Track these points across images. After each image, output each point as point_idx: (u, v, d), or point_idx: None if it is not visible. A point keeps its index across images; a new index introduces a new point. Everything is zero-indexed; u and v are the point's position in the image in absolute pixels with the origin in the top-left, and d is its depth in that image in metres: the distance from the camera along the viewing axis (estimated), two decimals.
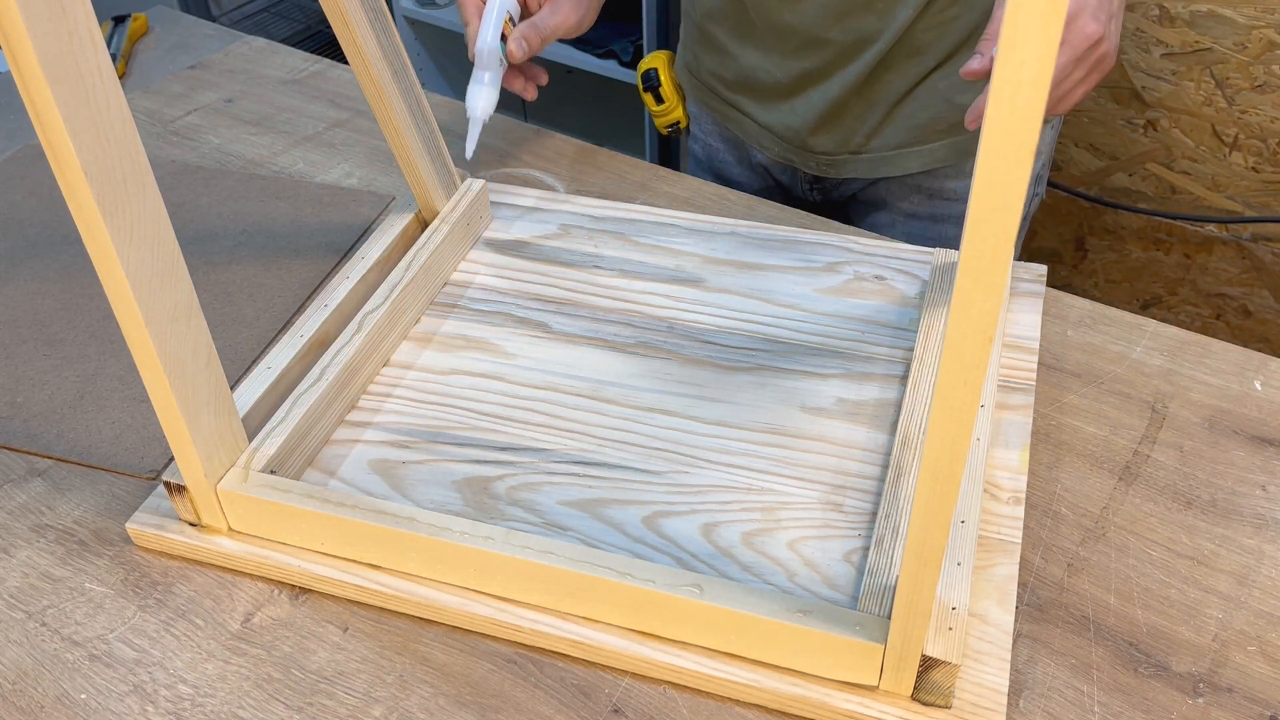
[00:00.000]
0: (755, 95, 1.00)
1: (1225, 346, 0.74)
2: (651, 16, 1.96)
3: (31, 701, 0.56)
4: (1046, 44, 0.32)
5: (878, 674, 0.53)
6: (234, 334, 0.78)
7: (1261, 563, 0.61)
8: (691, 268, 0.81)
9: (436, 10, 2.33)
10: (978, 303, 0.38)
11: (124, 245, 0.50)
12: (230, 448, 0.61)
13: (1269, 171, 1.46)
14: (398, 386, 0.72)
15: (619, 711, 0.55)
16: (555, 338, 0.75)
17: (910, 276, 0.79)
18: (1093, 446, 0.68)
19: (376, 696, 0.56)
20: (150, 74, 1.14)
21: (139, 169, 0.50)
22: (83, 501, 0.66)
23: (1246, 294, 1.57)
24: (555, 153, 0.98)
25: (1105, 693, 0.55)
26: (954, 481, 0.44)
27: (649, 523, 0.63)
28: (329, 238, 0.87)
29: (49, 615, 0.60)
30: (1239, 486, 0.65)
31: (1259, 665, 0.56)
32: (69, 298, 0.81)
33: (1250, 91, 1.41)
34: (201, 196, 0.92)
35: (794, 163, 1.01)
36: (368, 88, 0.73)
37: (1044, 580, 0.60)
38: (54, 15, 0.45)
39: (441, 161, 0.80)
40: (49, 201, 0.92)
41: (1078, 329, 0.76)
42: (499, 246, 0.84)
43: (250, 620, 0.60)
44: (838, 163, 0.99)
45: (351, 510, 0.59)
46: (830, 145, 0.98)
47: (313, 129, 1.03)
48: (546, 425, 0.69)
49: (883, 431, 0.67)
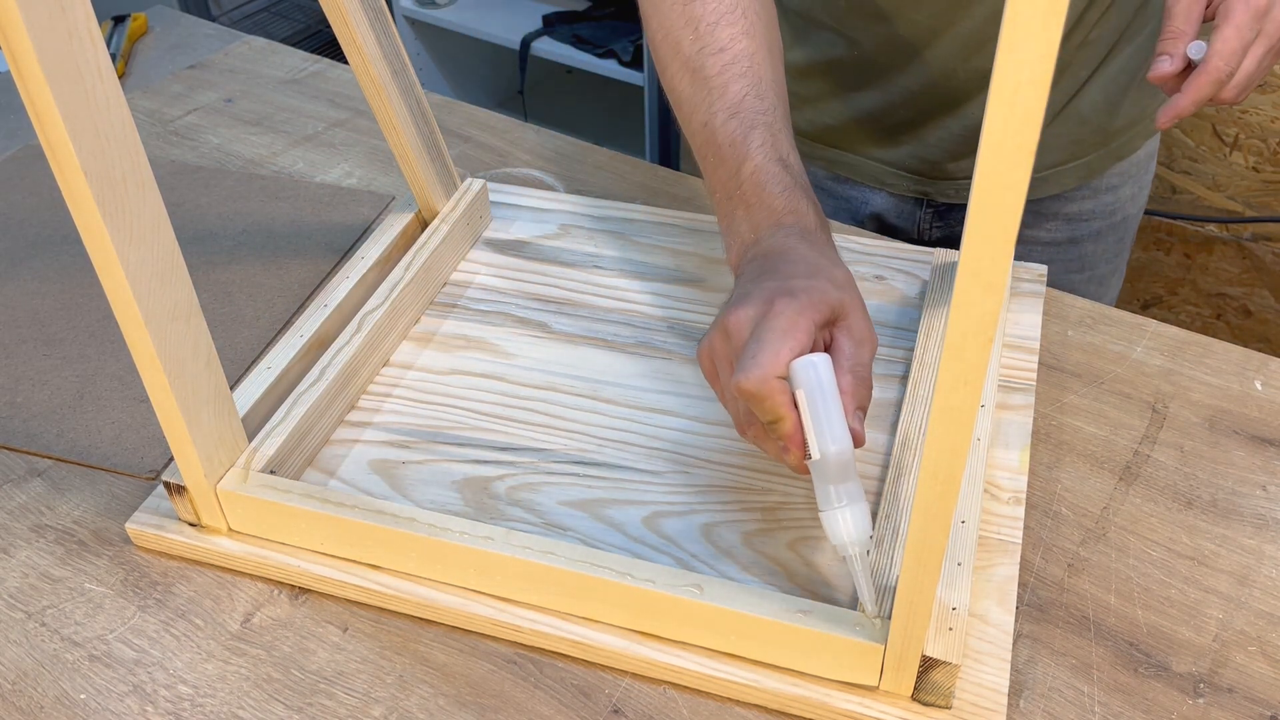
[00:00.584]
0: (873, 135, 0.93)
1: (1225, 346, 0.74)
2: None
3: (31, 701, 0.56)
4: (1047, 44, 0.32)
5: (878, 674, 0.53)
6: (234, 334, 0.78)
7: (1262, 563, 0.61)
8: (691, 268, 0.81)
9: (436, 10, 2.33)
10: (978, 303, 0.38)
11: (124, 245, 0.50)
12: (230, 448, 0.61)
13: (1269, 171, 1.46)
14: (397, 386, 0.72)
15: (619, 711, 0.55)
16: (555, 338, 0.75)
17: (910, 276, 0.79)
18: (1093, 446, 0.68)
19: (376, 696, 0.56)
20: (150, 74, 1.14)
21: (139, 169, 0.50)
22: (82, 501, 0.66)
23: (1247, 294, 1.57)
24: (555, 153, 0.98)
25: (1105, 693, 0.55)
26: (954, 481, 0.44)
27: (649, 523, 0.63)
28: (329, 238, 0.87)
29: (49, 615, 0.60)
30: (1239, 486, 0.65)
31: (1259, 665, 0.56)
32: (69, 298, 0.81)
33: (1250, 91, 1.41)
34: (201, 196, 0.92)
35: (929, 194, 0.95)
36: (368, 87, 0.73)
37: (1044, 580, 0.60)
38: (54, 15, 0.45)
39: (441, 161, 0.80)
40: (49, 201, 0.92)
41: (1078, 329, 0.76)
42: (499, 246, 0.84)
43: (250, 620, 0.60)
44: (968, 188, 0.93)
45: (351, 510, 0.59)
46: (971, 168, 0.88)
47: (313, 129, 1.03)
48: (546, 425, 0.69)
49: (883, 431, 0.67)
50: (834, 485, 0.53)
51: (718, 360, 0.59)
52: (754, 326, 0.56)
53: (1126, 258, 1.05)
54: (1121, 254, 1.02)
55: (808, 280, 0.57)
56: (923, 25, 0.84)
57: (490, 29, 2.26)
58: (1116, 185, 0.95)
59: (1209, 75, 0.65)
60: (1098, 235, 0.98)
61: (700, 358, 0.61)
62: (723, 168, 0.66)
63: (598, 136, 1.92)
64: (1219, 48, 0.65)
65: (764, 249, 0.62)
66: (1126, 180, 0.96)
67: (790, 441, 0.54)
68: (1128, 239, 1.02)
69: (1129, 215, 0.99)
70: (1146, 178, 0.99)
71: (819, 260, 0.60)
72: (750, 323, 0.56)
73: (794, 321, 0.54)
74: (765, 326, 0.55)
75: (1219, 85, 0.66)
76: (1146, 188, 1.00)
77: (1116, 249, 1.00)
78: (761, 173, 0.64)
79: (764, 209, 0.64)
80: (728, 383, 0.58)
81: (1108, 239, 0.99)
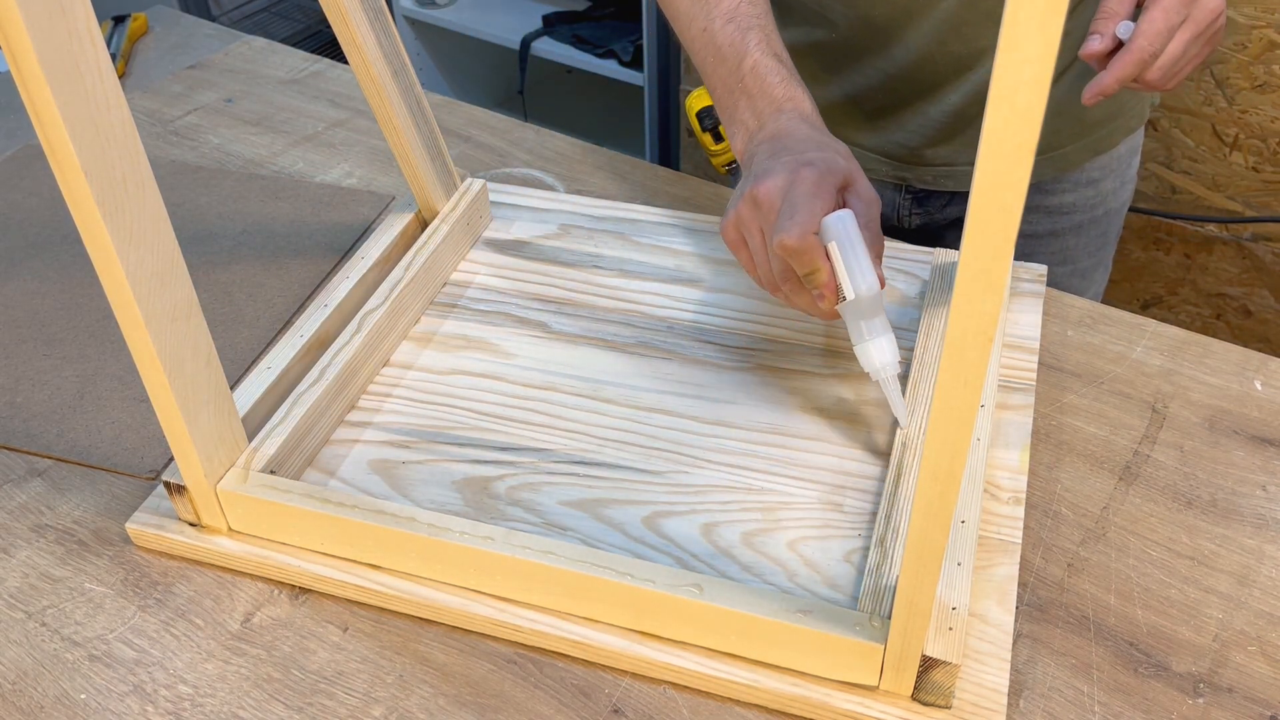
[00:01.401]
0: (853, 119, 0.95)
1: (1225, 346, 0.74)
2: (652, 16, 1.96)
3: (31, 701, 0.56)
4: (1046, 44, 0.32)
5: (878, 674, 0.53)
6: (234, 334, 0.78)
7: (1261, 563, 0.61)
8: (691, 268, 0.81)
9: (436, 10, 2.33)
10: (978, 303, 0.38)
11: (124, 245, 0.50)
12: (230, 448, 0.61)
13: (1269, 171, 1.46)
14: (398, 386, 0.72)
15: (619, 711, 0.55)
16: (555, 338, 0.75)
17: (910, 276, 0.79)
18: (1093, 446, 0.68)
19: (376, 696, 0.56)
20: (150, 74, 1.14)
21: (139, 169, 0.50)
22: (83, 501, 0.66)
23: (1246, 294, 1.57)
24: (555, 153, 0.98)
25: (1105, 693, 0.55)
26: (954, 481, 0.44)
27: (649, 523, 0.63)
28: (329, 238, 0.87)
29: (49, 615, 0.60)
30: (1239, 486, 0.65)
31: (1259, 665, 0.56)
32: (69, 298, 0.81)
33: (1250, 91, 1.41)
34: (201, 196, 0.92)
35: (907, 180, 0.96)
36: (368, 88, 0.73)
37: (1044, 580, 0.60)
38: (54, 15, 0.45)
39: (441, 161, 0.80)
40: (49, 201, 0.92)
41: (1078, 329, 0.76)
42: (499, 246, 0.84)
43: (250, 620, 0.60)
44: (957, 174, 0.94)
45: (351, 510, 0.59)
46: (949, 155, 0.93)
47: (313, 129, 1.03)
48: (546, 425, 0.69)
49: (883, 431, 0.67)
50: (865, 321, 0.63)
51: (746, 229, 0.66)
52: (783, 195, 0.62)
53: (1112, 253, 1.05)
54: (1105, 248, 1.02)
55: (819, 153, 0.65)
56: (899, 7, 0.85)
57: (490, 29, 2.26)
58: (1097, 179, 0.96)
59: (1133, 54, 0.68)
60: (1079, 228, 0.98)
61: (726, 230, 0.68)
62: (723, 66, 0.73)
63: (598, 136, 1.92)
64: (1144, 28, 0.68)
65: (770, 132, 0.69)
66: (1108, 174, 0.96)
67: (825, 289, 0.62)
68: (1111, 233, 1.02)
69: (1111, 209, 0.99)
70: (1130, 172, 1.00)
71: (822, 138, 0.67)
72: (779, 192, 0.63)
73: (819, 186, 0.62)
74: (796, 192, 0.62)
75: (1142, 65, 0.68)
76: (1130, 182, 1.01)
77: (1099, 243, 1.01)
78: (760, 67, 0.71)
79: (765, 98, 0.71)
80: (758, 247, 0.66)
81: (1089, 232, 0.99)
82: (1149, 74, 0.69)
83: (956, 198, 0.97)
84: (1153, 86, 0.70)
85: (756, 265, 0.67)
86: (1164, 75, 0.70)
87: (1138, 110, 0.95)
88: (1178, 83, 0.71)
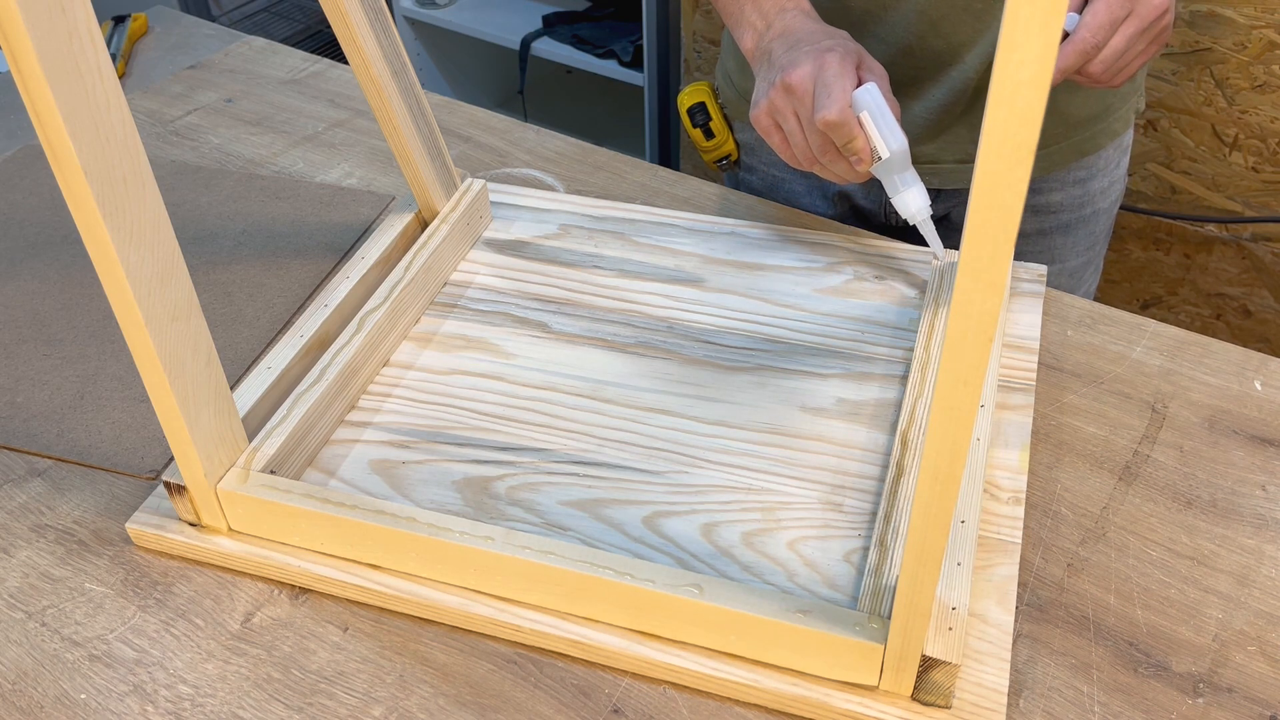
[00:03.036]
0: None
1: (1225, 346, 0.74)
2: (652, 17, 1.96)
3: (31, 701, 0.56)
4: (1046, 44, 0.32)
5: (878, 674, 0.53)
6: (234, 334, 0.78)
7: (1261, 563, 0.61)
8: (691, 268, 0.81)
9: (436, 10, 2.33)
10: (978, 303, 0.38)
11: (124, 245, 0.50)
12: (230, 448, 0.61)
13: (1269, 171, 1.46)
14: (398, 386, 0.72)
15: (619, 711, 0.55)
16: (555, 338, 0.75)
17: (910, 276, 0.79)
18: (1093, 446, 0.68)
19: (376, 696, 0.56)
20: (150, 74, 1.14)
21: (139, 169, 0.50)
22: (83, 501, 0.66)
23: (1246, 294, 1.57)
24: (555, 153, 0.98)
25: (1105, 693, 0.55)
26: (954, 481, 0.44)
27: (649, 523, 0.63)
28: (329, 238, 0.87)
29: (49, 615, 0.60)
30: (1239, 486, 0.65)
31: (1259, 665, 0.56)
32: (69, 298, 0.81)
33: (1250, 91, 1.41)
34: (201, 196, 0.92)
35: None
36: (368, 88, 0.73)
37: (1044, 580, 0.60)
38: (54, 15, 0.45)
39: (441, 161, 0.80)
40: (49, 201, 0.92)
41: (1078, 329, 0.76)
42: (499, 246, 0.84)
43: (250, 620, 0.60)
44: (943, 171, 0.94)
45: (351, 510, 0.59)
46: (936, 152, 0.93)
47: (313, 129, 1.03)
48: (546, 425, 0.69)
49: (883, 431, 0.67)
50: (897, 175, 0.73)
51: (780, 114, 0.73)
52: (814, 79, 0.70)
53: (1103, 253, 1.05)
54: (1095, 248, 1.02)
55: (833, 40, 0.73)
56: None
57: (490, 29, 2.26)
58: (1084, 179, 0.96)
59: (1074, 45, 0.69)
60: (1067, 228, 0.98)
61: (759, 119, 0.74)
62: None
63: (598, 136, 1.92)
64: (1088, 20, 0.69)
65: (779, 29, 0.76)
66: (1095, 174, 0.96)
67: (862, 153, 0.70)
68: (1101, 234, 1.02)
69: (1100, 209, 0.99)
70: (1118, 172, 1.00)
71: (828, 28, 0.75)
72: (810, 77, 0.70)
73: (844, 67, 0.70)
74: (825, 74, 0.69)
75: (1084, 56, 0.69)
76: (1119, 183, 1.01)
77: (1089, 242, 1.01)
78: None
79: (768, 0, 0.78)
80: (794, 129, 0.72)
81: (1078, 232, 0.99)
82: (1092, 67, 0.70)
83: (942, 194, 0.97)
84: (1096, 81, 0.71)
85: (792, 145, 0.73)
86: (1107, 69, 0.70)
87: (1123, 114, 0.95)
88: (1123, 79, 0.72)
